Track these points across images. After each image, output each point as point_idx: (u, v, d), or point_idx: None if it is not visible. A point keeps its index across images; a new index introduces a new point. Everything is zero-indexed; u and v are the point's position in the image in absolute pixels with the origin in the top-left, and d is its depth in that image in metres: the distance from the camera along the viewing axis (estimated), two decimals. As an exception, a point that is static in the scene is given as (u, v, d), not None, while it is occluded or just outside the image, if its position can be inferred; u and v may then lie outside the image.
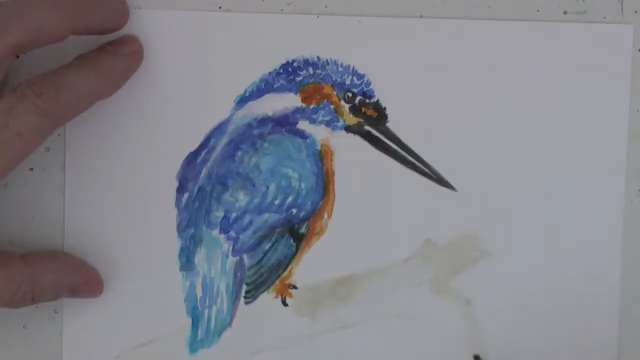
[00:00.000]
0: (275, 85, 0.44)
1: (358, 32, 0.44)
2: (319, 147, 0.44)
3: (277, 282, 0.45)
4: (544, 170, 0.44)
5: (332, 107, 0.44)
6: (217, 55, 0.44)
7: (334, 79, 0.44)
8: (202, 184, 0.44)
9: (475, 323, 0.45)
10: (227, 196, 0.44)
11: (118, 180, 0.44)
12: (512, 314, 0.45)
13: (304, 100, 0.44)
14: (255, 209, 0.44)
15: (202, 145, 0.44)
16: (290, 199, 0.44)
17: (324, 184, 0.44)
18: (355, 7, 0.44)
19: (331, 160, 0.44)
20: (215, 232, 0.44)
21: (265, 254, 0.45)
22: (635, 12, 0.44)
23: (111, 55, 0.42)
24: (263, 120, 0.44)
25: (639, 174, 0.45)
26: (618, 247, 0.44)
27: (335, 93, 0.44)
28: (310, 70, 0.44)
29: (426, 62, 0.44)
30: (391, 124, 0.44)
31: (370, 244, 0.44)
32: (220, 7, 0.44)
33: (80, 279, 0.43)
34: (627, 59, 0.44)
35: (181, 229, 0.44)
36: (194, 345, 0.45)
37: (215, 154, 0.44)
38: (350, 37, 0.44)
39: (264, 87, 0.44)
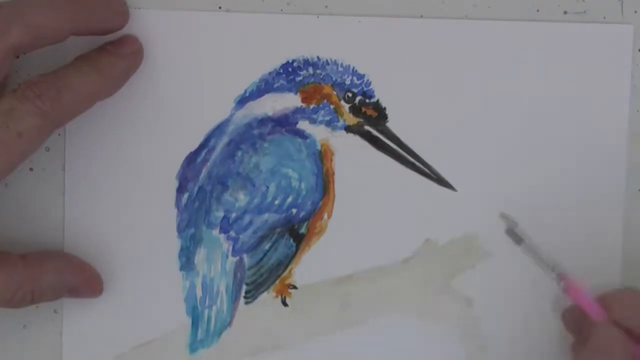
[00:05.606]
0: (275, 85, 0.44)
1: (358, 32, 0.44)
2: (319, 147, 0.44)
3: (277, 282, 0.45)
4: (543, 170, 0.44)
5: (332, 107, 0.44)
6: (217, 55, 0.44)
7: (334, 79, 0.44)
8: (202, 184, 0.44)
9: (475, 323, 0.45)
10: (227, 196, 0.44)
11: (118, 181, 0.44)
12: (512, 314, 0.45)
13: (304, 100, 0.44)
14: (255, 209, 0.44)
15: (202, 145, 0.44)
16: (290, 199, 0.44)
17: (324, 184, 0.44)
18: (355, 7, 0.44)
19: (331, 160, 0.44)
20: (215, 232, 0.44)
21: (265, 254, 0.45)
22: (635, 12, 0.44)
23: (111, 55, 0.42)
24: (263, 120, 0.44)
25: (639, 174, 0.45)
26: (618, 247, 0.44)
27: (335, 93, 0.44)
28: (310, 70, 0.44)
29: (426, 62, 0.44)
30: (391, 124, 0.44)
31: (370, 244, 0.44)
32: (220, 7, 0.44)
33: (80, 279, 0.43)
34: (627, 59, 0.44)
35: (181, 229, 0.44)
36: (194, 345, 0.45)
37: (215, 154, 0.44)
38: (350, 37, 0.44)
39: (264, 87, 0.44)
